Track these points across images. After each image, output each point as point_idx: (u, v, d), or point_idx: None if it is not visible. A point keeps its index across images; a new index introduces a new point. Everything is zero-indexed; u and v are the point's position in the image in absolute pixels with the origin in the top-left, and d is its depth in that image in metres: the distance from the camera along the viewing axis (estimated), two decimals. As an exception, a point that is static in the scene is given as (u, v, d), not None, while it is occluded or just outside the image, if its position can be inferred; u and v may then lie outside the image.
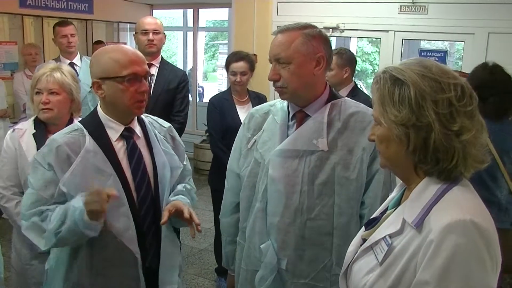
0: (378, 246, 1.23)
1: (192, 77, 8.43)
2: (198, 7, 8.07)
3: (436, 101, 1.14)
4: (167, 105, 3.52)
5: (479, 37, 5.28)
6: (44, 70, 2.39)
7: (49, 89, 2.35)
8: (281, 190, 1.85)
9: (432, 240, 1.07)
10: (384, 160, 1.28)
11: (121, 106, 1.84)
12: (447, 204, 1.13)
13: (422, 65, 1.20)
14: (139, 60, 1.84)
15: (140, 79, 1.83)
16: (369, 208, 1.82)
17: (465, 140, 1.13)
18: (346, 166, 1.80)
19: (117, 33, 7.80)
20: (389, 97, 1.19)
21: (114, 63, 1.79)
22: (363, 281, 1.23)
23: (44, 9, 6.55)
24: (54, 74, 2.36)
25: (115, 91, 1.81)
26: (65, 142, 1.80)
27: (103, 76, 1.80)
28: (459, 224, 1.06)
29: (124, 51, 1.83)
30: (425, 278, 1.07)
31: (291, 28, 1.82)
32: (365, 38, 11.93)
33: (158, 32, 3.51)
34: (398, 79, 1.19)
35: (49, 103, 2.34)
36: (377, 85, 1.23)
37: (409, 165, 1.22)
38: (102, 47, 1.93)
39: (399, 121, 1.16)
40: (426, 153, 1.16)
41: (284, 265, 1.87)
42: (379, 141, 1.26)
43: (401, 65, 1.22)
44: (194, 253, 4.65)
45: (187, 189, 2.10)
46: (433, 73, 1.17)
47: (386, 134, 1.22)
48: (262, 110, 2.06)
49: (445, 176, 1.16)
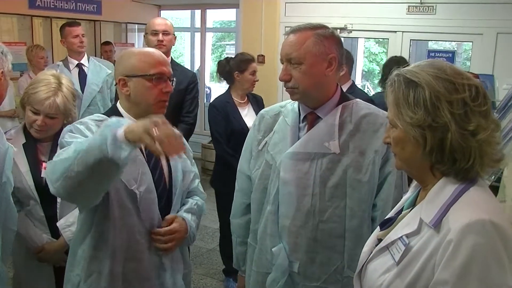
0: (395, 246, 1.23)
1: (200, 77, 8.44)
2: (205, 7, 8.09)
3: (451, 102, 1.15)
4: (176, 106, 3.52)
5: (487, 38, 5.26)
6: (46, 91, 2.23)
7: (47, 113, 2.24)
8: (292, 192, 1.84)
9: (451, 240, 1.08)
10: (400, 162, 1.29)
11: (144, 104, 1.85)
12: (465, 204, 1.13)
13: (436, 67, 1.20)
14: (165, 62, 1.89)
15: (166, 80, 1.87)
16: (381, 210, 1.81)
17: (481, 140, 1.14)
18: (358, 169, 1.80)
19: (125, 34, 7.83)
20: (404, 100, 1.20)
21: (143, 62, 1.84)
22: (379, 281, 1.23)
23: (53, 10, 6.60)
24: (57, 100, 2.23)
25: (142, 89, 1.83)
26: (96, 125, 1.81)
27: (130, 74, 1.83)
28: (478, 224, 1.07)
29: (151, 52, 1.90)
30: (444, 278, 1.08)
31: (303, 28, 1.81)
32: (372, 39, 11.90)
33: (168, 33, 3.53)
34: (412, 81, 1.19)
35: (45, 125, 2.26)
36: (392, 88, 1.24)
37: (426, 166, 1.22)
38: (129, 49, 1.98)
39: (415, 123, 1.17)
40: (443, 153, 1.16)
41: (295, 268, 1.87)
42: (395, 143, 1.26)
43: (414, 68, 1.23)
44: (202, 253, 4.66)
45: (199, 207, 2.11)
46: (447, 74, 1.18)
47: (402, 136, 1.22)
48: (273, 111, 2.05)
49: (462, 176, 1.17)
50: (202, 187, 2.23)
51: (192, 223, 2.01)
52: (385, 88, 1.32)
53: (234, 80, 3.72)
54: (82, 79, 4.22)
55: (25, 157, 2.28)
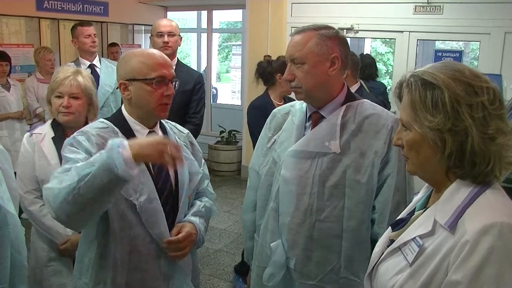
0: (407, 247, 1.22)
1: (206, 78, 8.46)
2: (212, 8, 8.10)
3: (470, 105, 1.13)
4: (183, 107, 3.53)
5: (495, 37, 5.23)
6: (65, 73, 2.40)
7: (71, 93, 2.36)
8: (292, 190, 1.86)
9: (467, 241, 1.07)
10: (413, 166, 1.26)
11: (146, 108, 1.84)
12: (481, 207, 1.12)
13: (454, 69, 1.18)
14: (166, 64, 1.85)
15: (167, 83, 1.84)
16: (379, 213, 1.81)
17: (500, 143, 1.13)
18: (357, 169, 1.79)
19: (131, 35, 7.86)
20: (422, 102, 1.17)
21: (143, 65, 1.80)
22: (392, 282, 1.22)
23: (60, 12, 6.63)
24: (77, 78, 2.38)
25: (142, 93, 1.81)
26: (98, 134, 1.80)
27: (131, 78, 1.81)
28: (495, 226, 1.06)
29: (153, 55, 1.85)
30: (457, 278, 1.07)
31: (307, 29, 1.83)
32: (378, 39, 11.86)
33: (173, 34, 3.53)
34: (430, 83, 1.17)
35: (71, 106, 2.36)
36: (407, 89, 1.22)
37: (441, 170, 1.20)
38: (129, 51, 1.94)
39: (434, 126, 1.15)
40: (462, 157, 1.15)
41: (292, 264, 1.89)
42: (409, 147, 1.24)
43: (431, 69, 1.20)
44: (209, 253, 4.67)
45: (207, 208, 2.08)
46: (466, 76, 1.16)
47: (418, 139, 1.20)
48: (284, 110, 2.09)
49: (481, 179, 1.16)
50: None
51: (200, 226, 1.99)
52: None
53: (275, 82, 3.73)
54: (95, 80, 4.22)
55: (56, 150, 2.33)
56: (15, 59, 5.85)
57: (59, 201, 1.55)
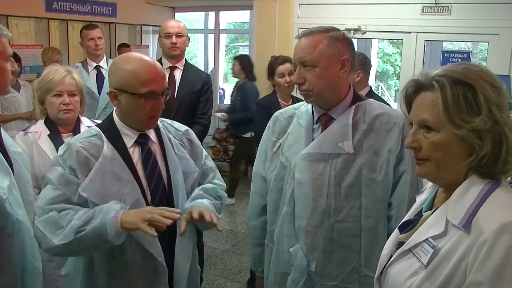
0: (420, 248, 1.21)
1: (213, 79, 8.46)
2: (219, 9, 8.11)
3: (498, 106, 1.14)
4: (191, 108, 3.55)
5: (504, 38, 5.18)
6: (60, 73, 2.50)
7: (69, 91, 2.49)
8: (308, 193, 1.86)
9: (486, 241, 1.06)
10: (435, 168, 1.22)
11: (134, 118, 1.84)
12: (495, 205, 1.12)
13: (478, 69, 1.18)
14: (158, 78, 1.80)
15: (157, 97, 1.79)
16: (396, 209, 1.82)
17: None
18: (372, 168, 1.80)
19: (139, 36, 7.89)
20: (455, 102, 1.15)
21: (134, 80, 1.75)
22: (407, 284, 1.21)
23: (69, 13, 6.67)
24: (74, 76, 2.53)
25: (131, 105, 1.79)
26: (83, 147, 1.79)
27: (121, 89, 1.78)
28: None
29: (145, 67, 1.78)
30: (479, 279, 1.06)
31: (315, 31, 1.82)
32: (386, 40, 11.84)
33: (181, 35, 3.55)
34: (465, 83, 1.16)
35: (71, 104, 2.49)
36: (433, 89, 1.19)
37: (463, 170, 1.19)
38: (124, 54, 1.89)
39: (475, 127, 1.13)
40: (497, 157, 1.15)
41: (313, 268, 1.88)
42: (436, 148, 1.20)
43: (458, 68, 1.19)
44: (216, 254, 4.68)
45: (206, 189, 2.01)
46: (490, 77, 1.17)
47: (449, 140, 1.17)
48: (287, 113, 2.07)
49: (493, 176, 1.16)
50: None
51: (205, 202, 1.90)
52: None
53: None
54: (100, 81, 4.24)
55: (53, 145, 2.43)
56: (25, 60, 5.88)
57: (51, 249, 1.75)
